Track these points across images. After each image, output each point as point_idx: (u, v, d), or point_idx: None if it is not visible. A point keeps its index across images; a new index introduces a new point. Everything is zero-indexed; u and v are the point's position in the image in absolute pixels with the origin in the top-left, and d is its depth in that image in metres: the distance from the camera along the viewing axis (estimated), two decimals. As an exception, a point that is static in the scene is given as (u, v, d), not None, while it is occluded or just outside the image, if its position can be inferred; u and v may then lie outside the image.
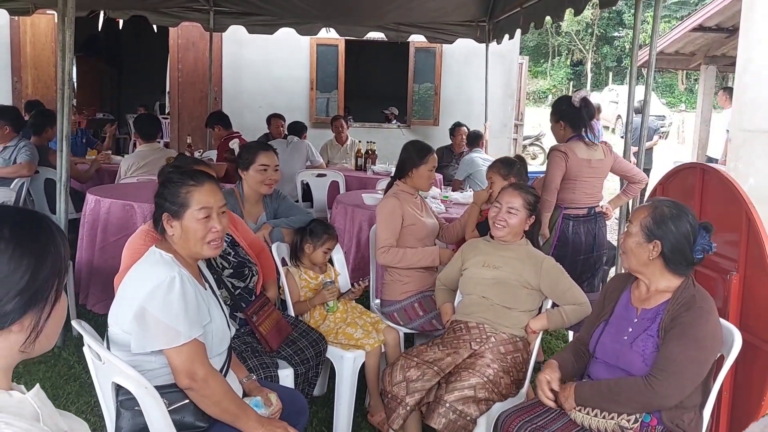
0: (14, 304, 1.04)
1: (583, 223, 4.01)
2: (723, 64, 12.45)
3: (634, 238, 2.24)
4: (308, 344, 2.91)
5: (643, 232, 2.21)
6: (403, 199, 3.45)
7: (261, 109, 9.65)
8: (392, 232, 3.37)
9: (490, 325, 2.77)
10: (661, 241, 2.18)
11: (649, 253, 2.20)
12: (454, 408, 2.45)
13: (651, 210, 2.23)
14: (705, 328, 2.08)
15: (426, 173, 3.48)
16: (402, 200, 3.44)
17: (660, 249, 2.18)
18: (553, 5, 5.65)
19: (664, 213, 2.20)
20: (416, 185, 3.51)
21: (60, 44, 3.88)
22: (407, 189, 3.51)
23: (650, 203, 2.30)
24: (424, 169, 3.46)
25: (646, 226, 2.21)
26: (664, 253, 2.19)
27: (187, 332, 1.95)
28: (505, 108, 10.62)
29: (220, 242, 2.16)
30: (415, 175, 3.48)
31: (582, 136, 3.96)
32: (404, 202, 3.44)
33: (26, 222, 1.08)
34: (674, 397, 2.05)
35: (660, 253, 2.19)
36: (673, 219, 2.18)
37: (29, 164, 5.28)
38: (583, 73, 35.92)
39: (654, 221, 2.20)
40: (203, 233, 2.09)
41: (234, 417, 2.00)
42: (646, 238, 2.20)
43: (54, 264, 1.09)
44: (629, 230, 2.28)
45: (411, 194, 3.51)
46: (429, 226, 3.54)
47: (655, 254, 2.19)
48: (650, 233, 2.20)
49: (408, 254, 3.36)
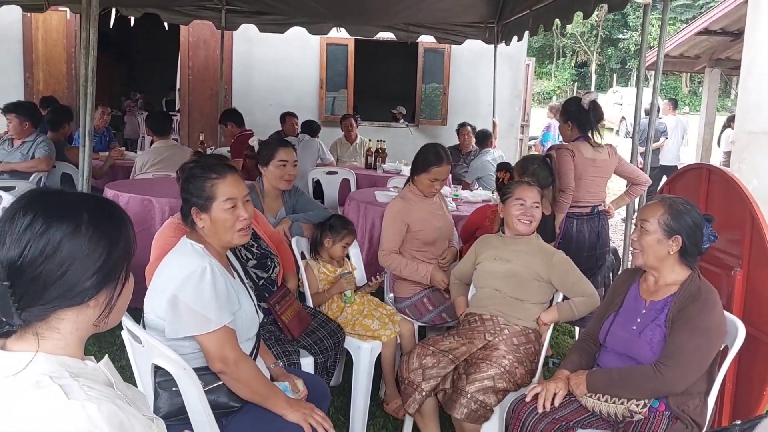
0: (92, 281, 1.15)
1: (586, 221, 4.11)
2: (727, 67, 12.56)
3: (653, 236, 2.33)
4: (327, 334, 3.02)
5: (662, 229, 2.31)
6: (411, 201, 3.52)
7: (271, 108, 9.76)
8: (394, 236, 3.46)
9: (503, 317, 2.89)
10: (681, 236, 2.29)
11: (669, 248, 2.31)
12: (476, 398, 2.56)
13: (666, 207, 2.33)
14: (710, 319, 2.19)
15: (426, 182, 3.50)
16: (409, 202, 3.51)
17: (681, 243, 2.29)
18: (562, 8, 5.73)
19: (679, 209, 2.32)
20: (421, 190, 3.56)
21: (84, 42, 3.98)
22: (416, 191, 3.56)
23: (661, 200, 2.40)
24: (425, 177, 3.49)
25: (665, 222, 2.31)
26: (684, 247, 2.30)
27: (218, 319, 2.06)
28: (513, 108, 10.72)
29: (248, 229, 2.26)
30: (417, 181, 3.54)
31: (588, 137, 4.07)
32: (412, 204, 3.50)
33: (102, 208, 1.20)
34: (681, 383, 2.17)
35: (680, 248, 2.30)
36: (688, 213, 2.30)
37: (47, 159, 5.40)
38: (587, 74, 35.96)
39: (672, 217, 2.30)
40: (232, 222, 2.19)
41: (264, 398, 2.12)
42: (667, 234, 2.31)
43: (125, 246, 1.21)
44: (646, 228, 2.35)
45: (422, 196, 3.56)
46: (440, 230, 3.56)
47: (676, 248, 2.30)
48: (670, 229, 2.30)
49: (403, 264, 3.43)
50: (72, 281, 1.12)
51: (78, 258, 1.12)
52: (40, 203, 1.13)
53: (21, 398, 1.07)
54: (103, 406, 1.08)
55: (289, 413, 2.11)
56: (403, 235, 3.46)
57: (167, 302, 2.06)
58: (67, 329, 1.15)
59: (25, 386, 1.08)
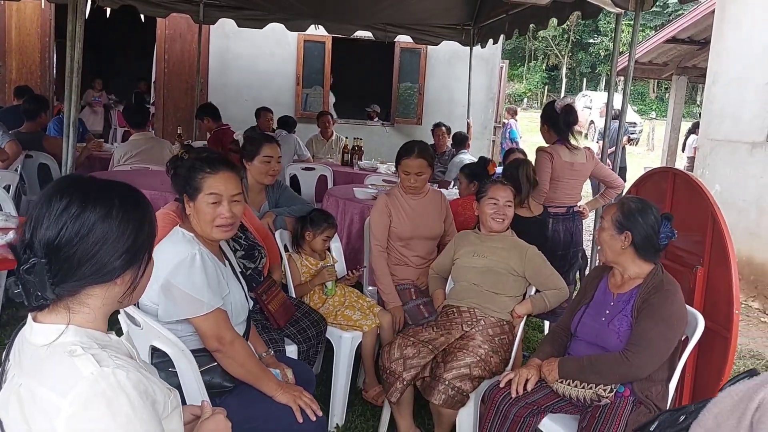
0: (120, 261, 1.25)
1: (562, 221, 4.30)
2: (694, 75, 12.91)
3: (607, 232, 2.56)
4: (310, 324, 3.14)
5: (614, 226, 2.54)
6: (396, 197, 3.63)
7: (246, 103, 9.81)
8: (381, 232, 3.57)
9: (480, 309, 3.04)
10: (631, 232, 2.49)
11: (621, 243, 2.52)
12: (453, 385, 2.71)
13: (619, 206, 2.57)
14: (672, 308, 2.38)
15: (402, 176, 3.61)
16: (393, 198, 3.62)
17: (631, 239, 2.49)
18: (538, 14, 5.92)
19: (631, 207, 2.53)
20: (402, 186, 3.65)
21: (70, 33, 4.03)
22: (401, 188, 3.68)
23: (618, 201, 2.64)
24: (400, 171, 3.63)
25: (617, 219, 2.53)
26: (635, 243, 2.49)
27: (210, 302, 2.16)
28: (487, 111, 10.92)
29: (228, 228, 2.31)
30: (400, 177, 3.66)
31: (565, 140, 4.24)
32: (395, 200, 3.62)
33: (130, 195, 1.31)
34: (647, 368, 2.34)
35: (631, 243, 2.50)
36: (639, 212, 2.51)
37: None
38: (558, 77, 36.53)
39: (623, 215, 2.52)
40: (212, 217, 2.26)
41: (257, 378, 2.23)
42: (618, 230, 2.53)
43: (149, 230, 1.32)
44: (602, 225, 2.61)
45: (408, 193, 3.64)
46: (417, 228, 3.61)
47: (627, 244, 2.50)
48: (621, 225, 2.52)
49: (379, 273, 3.53)
50: (103, 260, 1.23)
51: (109, 239, 1.23)
52: (75, 188, 1.24)
53: (56, 364, 1.17)
54: (131, 373, 1.19)
55: (280, 395, 2.23)
56: (387, 228, 3.58)
57: (160, 288, 2.15)
58: (95, 304, 1.26)
59: (59, 354, 1.18)
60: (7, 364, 1.29)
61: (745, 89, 6.79)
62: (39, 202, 1.23)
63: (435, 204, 3.74)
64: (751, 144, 6.65)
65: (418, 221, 3.64)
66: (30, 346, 1.24)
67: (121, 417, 1.15)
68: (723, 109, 7.19)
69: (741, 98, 6.85)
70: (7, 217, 3.56)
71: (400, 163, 3.61)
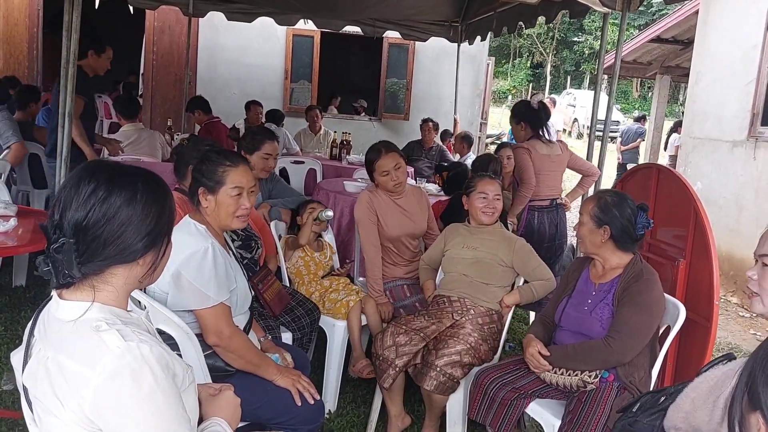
0: (143, 243, 1.33)
1: (546, 213, 4.43)
2: (677, 74, 13.11)
3: (586, 227, 2.67)
4: (304, 312, 3.21)
5: (593, 221, 2.64)
6: (379, 197, 3.61)
7: (234, 96, 9.85)
8: (370, 229, 3.56)
9: (470, 299, 3.13)
10: (609, 225, 2.59)
11: (600, 237, 2.63)
12: (444, 371, 2.81)
13: (596, 201, 2.67)
14: (651, 295, 2.50)
15: (380, 179, 3.56)
16: (375, 195, 3.62)
17: (610, 232, 2.59)
18: (526, 12, 6.00)
19: (607, 201, 2.64)
20: (383, 189, 3.61)
21: (66, 24, 4.05)
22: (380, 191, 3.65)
23: (594, 195, 2.74)
24: (376, 176, 3.57)
25: (595, 214, 2.63)
26: (613, 235, 2.60)
27: (216, 296, 2.23)
28: (473, 107, 11.02)
29: (246, 217, 2.44)
30: (377, 183, 3.62)
31: (540, 135, 4.42)
32: (380, 200, 3.60)
33: (152, 180, 1.38)
34: (628, 353, 2.45)
35: (610, 236, 2.60)
36: (615, 206, 2.62)
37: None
38: (542, 75, 36.73)
39: (600, 209, 2.63)
40: (234, 209, 2.36)
41: (256, 367, 2.31)
42: (596, 224, 2.63)
43: (169, 214, 1.39)
44: (581, 221, 2.71)
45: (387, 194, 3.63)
46: (401, 227, 3.62)
47: (606, 237, 2.61)
48: (599, 220, 2.62)
49: (370, 272, 3.54)
50: (127, 242, 1.30)
51: (134, 222, 1.30)
52: (101, 173, 1.31)
53: (83, 339, 1.24)
54: (154, 348, 1.27)
55: (279, 379, 2.32)
56: (376, 223, 3.58)
57: (171, 277, 2.22)
58: (118, 283, 1.33)
59: (86, 329, 1.26)
60: (32, 339, 1.36)
61: (727, 89, 6.94)
62: (67, 185, 1.30)
63: (417, 199, 3.76)
64: (732, 142, 6.81)
65: (404, 220, 3.66)
66: (56, 322, 1.31)
67: (145, 387, 1.22)
68: (705, 108, 7.34)
69: (723, 98, 7.01)
70: (6, 204, 3.60)
71: (374, 169, 3.57)
